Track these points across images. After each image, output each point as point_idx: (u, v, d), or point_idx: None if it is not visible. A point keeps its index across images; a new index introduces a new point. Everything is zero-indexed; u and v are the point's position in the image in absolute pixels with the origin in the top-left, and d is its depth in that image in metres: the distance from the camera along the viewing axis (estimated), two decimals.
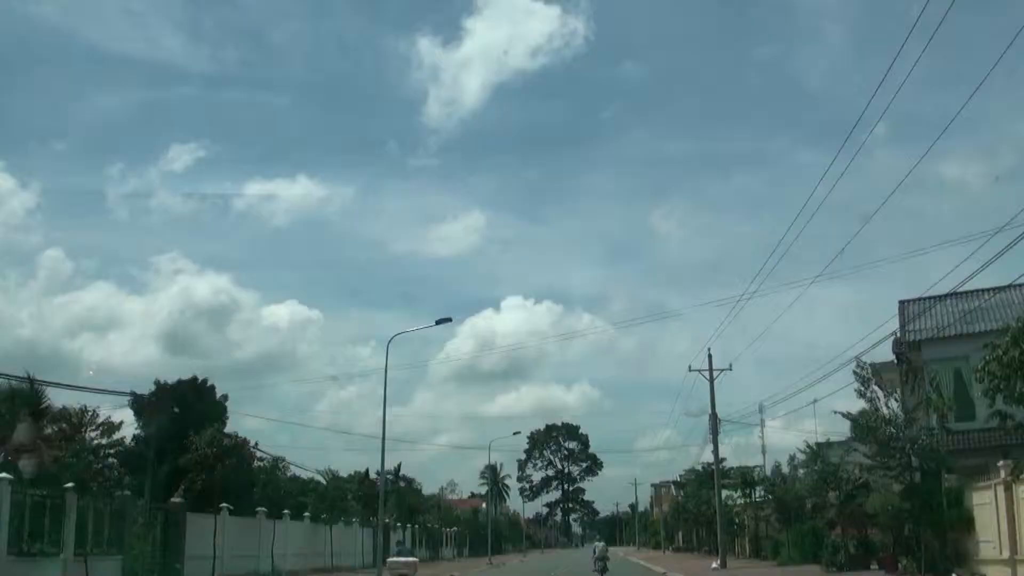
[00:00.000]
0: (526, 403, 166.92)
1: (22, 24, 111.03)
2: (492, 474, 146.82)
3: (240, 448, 32.24)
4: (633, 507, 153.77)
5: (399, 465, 69.78)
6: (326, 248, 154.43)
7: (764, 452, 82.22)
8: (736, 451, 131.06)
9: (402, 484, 71.19)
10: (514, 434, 68.97)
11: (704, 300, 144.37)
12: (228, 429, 36.67)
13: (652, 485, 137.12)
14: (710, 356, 43.37)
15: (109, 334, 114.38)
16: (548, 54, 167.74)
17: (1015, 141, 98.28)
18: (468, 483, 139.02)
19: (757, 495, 49.48)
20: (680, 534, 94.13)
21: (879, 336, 28.30)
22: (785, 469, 49.48)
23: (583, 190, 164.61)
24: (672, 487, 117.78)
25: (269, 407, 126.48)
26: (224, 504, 34.26)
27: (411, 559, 24.71)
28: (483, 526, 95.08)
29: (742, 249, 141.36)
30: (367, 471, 68.54)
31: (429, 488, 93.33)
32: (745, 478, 49.24)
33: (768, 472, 53.38)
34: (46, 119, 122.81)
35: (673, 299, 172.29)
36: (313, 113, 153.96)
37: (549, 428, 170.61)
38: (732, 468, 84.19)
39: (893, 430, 25.87)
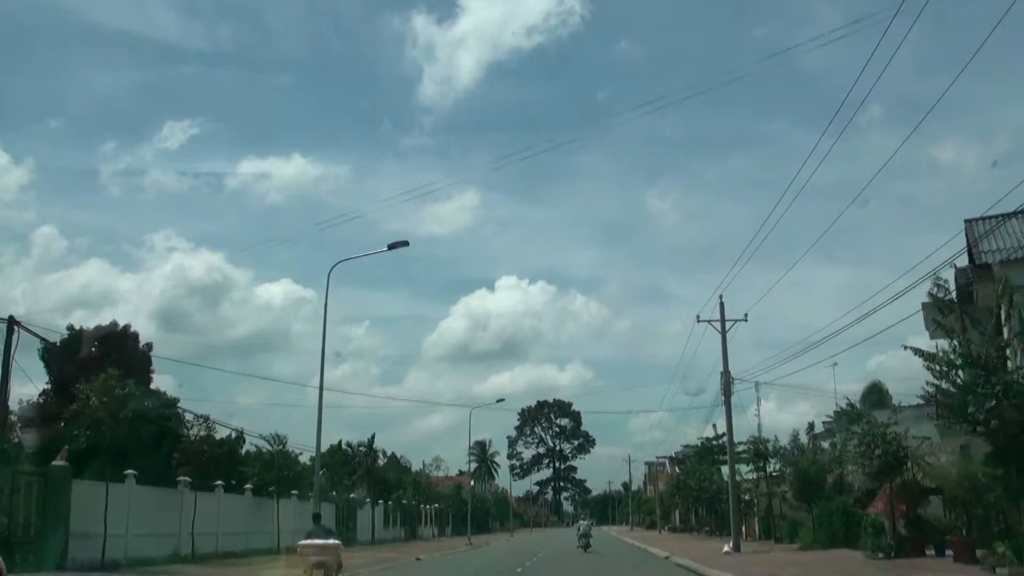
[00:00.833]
0: (520, 383, 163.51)
1: (17, 1, 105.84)
2: (481, 451, 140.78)
3: (141, 400, 25.19)
4: (626, 486, 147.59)
5: (372, 437, 62.93)
6: (321, 227, 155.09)
7: (760, 431, 76.50)
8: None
9: (382, 458, 64.39)
10: (498, 401, 59.53)
11: (698, 281, 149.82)
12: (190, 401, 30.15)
13: (646, 463, 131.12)
14: (722, 304, 36.66)
15: (102, 311, 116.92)
16: (544, 33, 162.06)
17: (1011, 126, 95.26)
18: (459, 462, 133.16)
19: (772, 469, 42.83)
20: (677, 513, 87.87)
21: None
22: (803, 439, 43.18)
23: (578, 170, 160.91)
24: (667, 464, 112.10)
25: (263, 385, 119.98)
26: (131, 471, 27.65)
27: (330, 542, 17.75)
28: (467, 503, 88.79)
29: (737, 231, 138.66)
30: (340, 442, 62.11)
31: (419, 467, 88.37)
32: (758, 450, 42.60)
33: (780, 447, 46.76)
34: (41, 96, 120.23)
35: (668, 280, 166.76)
36: (308, 91, 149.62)
37: (540, 404, 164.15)
38: (740, 442, 77.97)
39: (981, 372, 19.06)
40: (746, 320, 36.53)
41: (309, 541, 17.90)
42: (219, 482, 34.36)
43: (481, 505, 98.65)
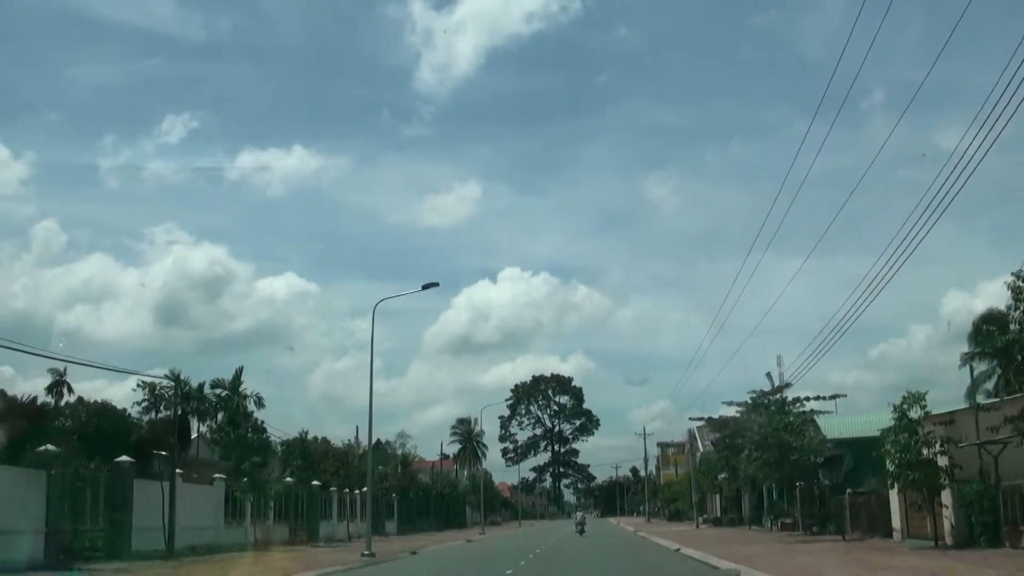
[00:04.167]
0: (520, 373, 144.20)
1: None
2: (465, 429, 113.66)
3: None
4: (635, 471, 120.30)
5: (239, 371, 36.15)
6: (322, 219, 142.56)
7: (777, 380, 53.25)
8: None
9: (255, 406, 37.22)
10: (425, 286, 31.43)
11: (699, 271, 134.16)
12: None
13: (658, 444, 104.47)
14: None
15: (104, 305, 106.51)
16: (543, 19, 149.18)
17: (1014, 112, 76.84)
18: (450, 448, 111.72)
19: None
20: (718, 499, 60.70)
21: None
22: None
23: (578, 160, 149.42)
24: (690, 440, 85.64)
25: (265, 378, 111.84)
26: None
27: None
28: (425, 489, 61.68)
29: (738, 220, 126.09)
30: (176, 375, 34.70)
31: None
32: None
33: None
34: (39, 89, 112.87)
35: (668, 270, 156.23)
36: (307, 81, 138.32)
37: (536, 380, 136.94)
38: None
39: None
40: None
41: None
42: None
43: (451, 492, 71.47)
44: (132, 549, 24.26)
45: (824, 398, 54.84)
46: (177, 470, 27.20)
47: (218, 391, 36.49)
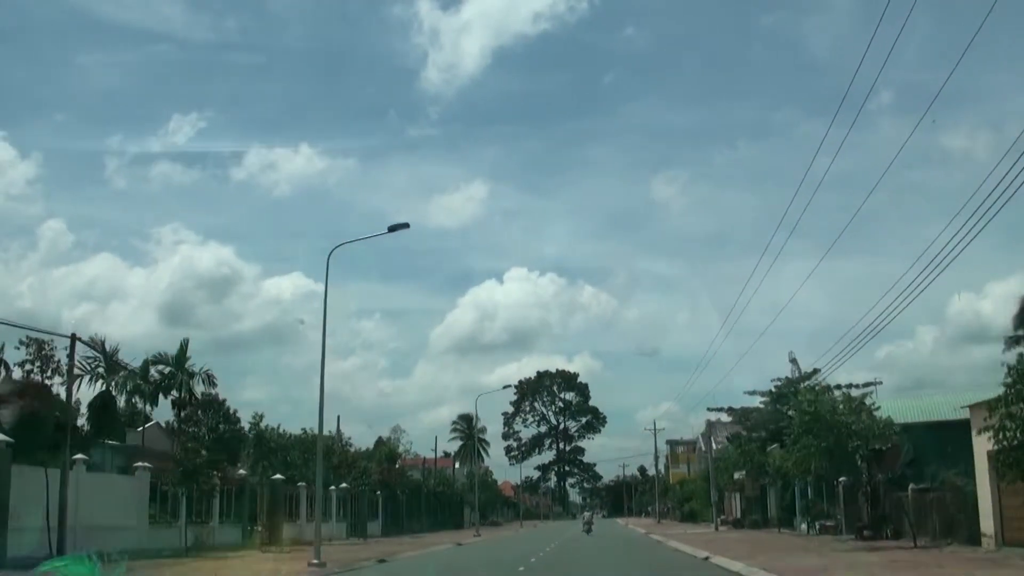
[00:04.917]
0: (526, 373, 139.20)
1: None
2: (467, 426, 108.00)
3: None
4: (644, 470, 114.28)
5: (185, 343, 30.53)
6: (328, 219, 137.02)
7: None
8: None
9: (205, 384, 31.58)
10: (392, 228, 25.45)
11: (706, 272, 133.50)
12: None
13: (668, 442, 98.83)
14: None
15: (110, 305, 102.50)
16: (550, 19, 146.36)
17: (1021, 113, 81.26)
18: (451, 445, 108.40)
19: None
20: (737, 499, 54.79)
21: None
22: None
23: (585, 160, 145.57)
24: (699, 438, 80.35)
25: (270, 378, 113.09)
26: None
27: None
28: (415, 487, 55.98)
29: (745, 220, 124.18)
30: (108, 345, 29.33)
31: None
32: None
33: None
34: (45, 89, 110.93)
35: (675, 271, 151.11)
36: (314, 82, 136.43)
37: (541, 375, 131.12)
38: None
39: None
40: None
41: None
42: None
43: (446, 490, 65.74)
44: (7, 555, 18.74)
45: (857, 386, 48.51)
46: (79, 455, 21.60)
47: (160, 367, 30.94)
